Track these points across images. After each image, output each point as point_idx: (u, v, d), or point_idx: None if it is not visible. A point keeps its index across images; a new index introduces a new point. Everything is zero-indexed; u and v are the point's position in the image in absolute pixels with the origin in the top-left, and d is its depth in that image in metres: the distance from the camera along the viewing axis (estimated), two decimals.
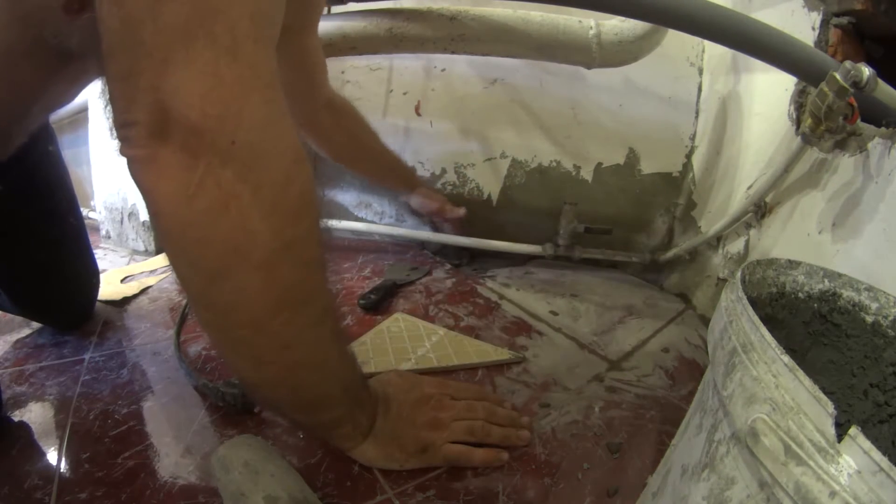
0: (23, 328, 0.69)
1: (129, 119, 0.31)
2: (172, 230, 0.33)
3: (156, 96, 0.30)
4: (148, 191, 0.32)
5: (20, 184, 0.60)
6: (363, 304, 0.77)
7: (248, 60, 0.32)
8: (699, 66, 0.93)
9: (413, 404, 0.50)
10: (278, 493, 0.39)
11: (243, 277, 0.34)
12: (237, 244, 0.33)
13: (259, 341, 0.37)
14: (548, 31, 0.75)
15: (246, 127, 0.31)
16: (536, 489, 0.47)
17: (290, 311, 0.36)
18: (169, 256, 0.35)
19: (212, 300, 0.35)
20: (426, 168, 1.05)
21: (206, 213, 0.32)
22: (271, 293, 0.35)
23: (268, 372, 0.39)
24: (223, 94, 0.31)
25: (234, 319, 0.36)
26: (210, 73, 0.30)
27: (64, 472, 0.46)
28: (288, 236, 0.35)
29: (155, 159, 0.31)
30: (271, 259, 0.34)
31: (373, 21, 0.79)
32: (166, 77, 0.29)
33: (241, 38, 0.31)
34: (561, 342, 0.72)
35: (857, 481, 0.19)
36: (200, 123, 0.30)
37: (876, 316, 0.36)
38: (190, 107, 0.30)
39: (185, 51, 0.29)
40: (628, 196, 1.00)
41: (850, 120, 0.53)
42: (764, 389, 0.23)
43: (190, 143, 0.30)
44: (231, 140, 0.31)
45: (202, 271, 0.34)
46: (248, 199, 0.32)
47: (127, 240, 1.00)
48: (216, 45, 0.30)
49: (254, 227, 0.33)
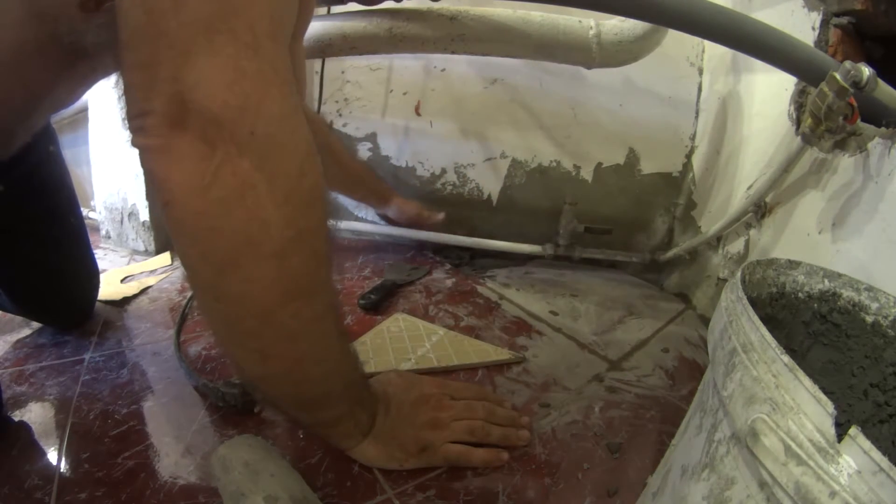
0: (23, 328, 0.69)
1: (146, 108, 0.31)
2: (186, 219, 0.33)
3: (175, 87, 0.30)
4: (162, 180, 0.32)
5: (21, 184, 0.60)
6: (363, 304, 0.77)
7: (268, 57, 0.32)
8: (699, 66, 0.93)
9: (413, 404, 0.50)
10: (278, 493, 0.39)
11: (254, 267, 0.34)
12: (250, 233, 0.33)
13: (266, 332, 0.37)
14: (548, 31, 0.75)
15: (265, 119, 0.32)
16: (536, 489, 0.47)
17: (299, 302, 0.37)
18: (179, 247, 0.35)
19: (221, 290, 0.36)
20: (426, 168, 1.05)
21: (222, 202, 0.32)
22: (281, 283, 0.36)
23: (273, 365, 0.39)
24: (244, 87, 0.31)
25: (243, 310, 0.36)
26: (232, 67, 0.31)
27: (64, 472, 0.46)
28: (300, 226, 0.35)
29: (170, 148, 0.31)
30: (283, 249, 0.35)
31: (373, 21, 0.78)
32: (188, 68, 0.30)
33: (260, 36, 0.32)
34: (561, 342, 0.72)
35: (857, 481, 0.19)
36: (221, 113, 0.31)
37: (876, 316, 0.36)
38: (211, 97, 0.30)
39: (207, 44, 0.30)
40: (628, 196, 1.00)
41: (850, 120, 0.53)
42: (764, 389, 0.23)
43: (208, 132, 0.31)
44: (250, 131, 0.32)
45: (213, 261, 0.34)
46: (264, 188, 0.33)
47: (127, 240, 1.00)
48: (238, 40, 0.31)
49: (268, 217, 0.33)
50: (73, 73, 0.48)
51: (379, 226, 1.06)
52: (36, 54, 0.43)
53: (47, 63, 0.45)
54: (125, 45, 0.31)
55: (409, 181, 1.05)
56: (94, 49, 0.43)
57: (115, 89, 0.94)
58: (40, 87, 0.48)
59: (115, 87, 0.93)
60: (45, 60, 0.44)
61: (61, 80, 0.48)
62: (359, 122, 1.05)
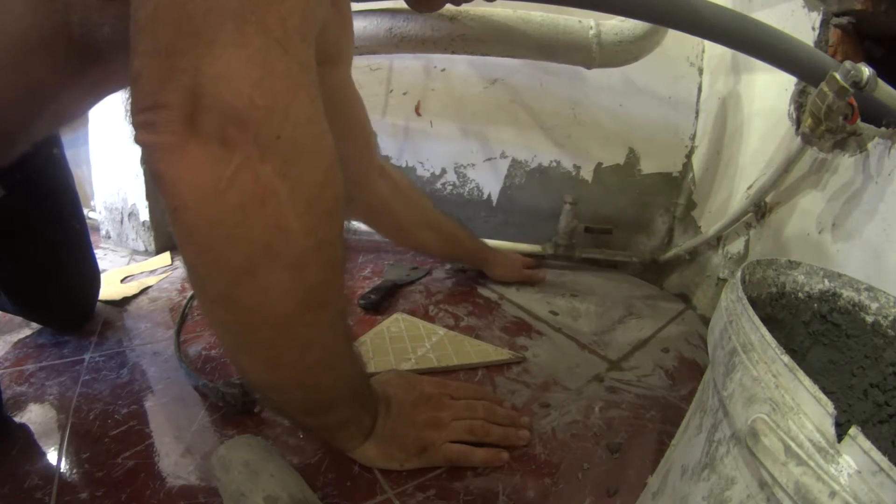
0: (23, 328, 0.69)
1: (160, 101, 0.28)
2: (198, 226, 0.30)
3: (195, 79, 0.27)
4: (171, 183, 0.29)
5: (24, 187, 0.60)
6: (363, 304, 0.77)
7: (297, 56, 0.30)
8: (699, 66, 0.93)
9: (413, 404, 0.50)
10: (278, 493, 0.39)
11: (272, 277, 0.32)
12: (270, 242, 0.31)
13: (280, 342, 0.36)
14: (548, 32, 0.75)
15: (292, 122, 0.30)
16: (536, 489, 0.47)
17: (315, 311, 0.36)
18: (187, 255, 0.33)
19: (234, 301, 0.33)
20: (426, 168, 1.05)
21: (239, 209, 0.30)
22: (298, 293, 0.34)
23: (284, 374, 0.38)
24: (273, 86, 0.29)
25: (258, 320, 0.34)
26: (260, 62, 0.28)
27: (64, 472, 0.46)
28: (319, 236, 0.34)
29: (182, 148, 0.28)
30: (303, 259, 0.33)
31: (373, 21, 0.78)
32: (212, 59, 0.27)
33: (291, 31, 0.30)
34: (561, 342, 0.72)
35: (857, 481, 0.19)
36: (246, 114, 0.28)
37: (876, 316, 0.36)
38: (237, 94, 0.28)
39: (236, 34, 0.28)
40: (628, 196, 1.00)
41: (850, 120, 0.53)
42: (764, 389, 0.23)
43: (229, 133, 0.28)
44: (276, 134, 0.29)
45: (227, 270, 0.32)
46: (286, 196, 0.31)
47: (127, 240, 1.00)
48: (268, 34, 0.28)
49: (289, 226, 0.31)
50: (83, 78, 0.44)
51: None
52: (42, 48, 0.40)
53: (54, 61, 0.41)
54: (140, 27, 0.28)
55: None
56: (107, 50, 0.40)
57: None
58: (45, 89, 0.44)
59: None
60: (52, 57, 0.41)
61: (69, 85, 0.45)
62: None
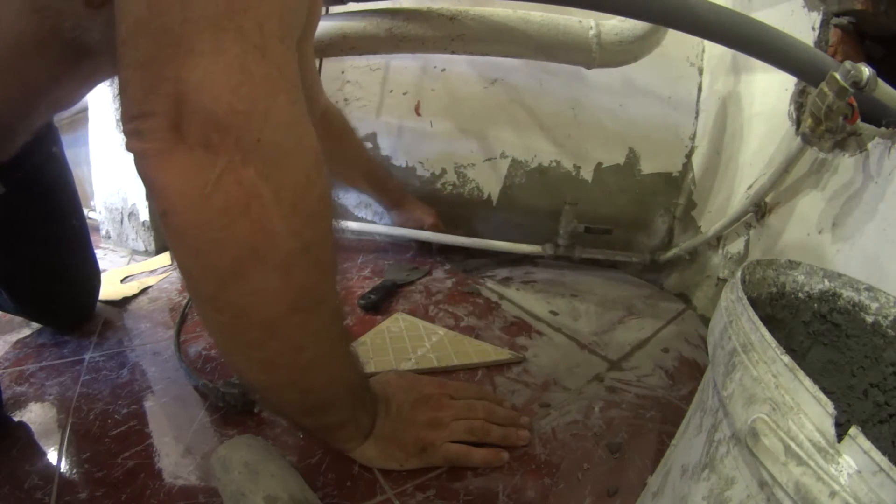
0: (23, 328, 0.69)
1: (146, 109, 0.29)
2: (186, 230, 0.31)
3: (178, 87, 0.28)
4: (160, 188, 0.30)
5: (23, 185, 0.60)
6: (363, 304, 0.77)
7: (276, 59, 0.31)
8: (699, 66, 0.93)
9: (413, 404, 0.50)
10: (278, 493, 0.39)
11: (260, 279, 0.33)
12: (255, 245, 0.32)
13: (272, 344, 0.36)
14: (548, 31, 0.75)
15: (272, 125, 0.31)
16: (536, 489, 0.47)
17: (305, 312, 0.36)
18: (178, 258, 0.34)
19: (224, 303, 0.34)
20: (426, 168, 1.05)
21: (224, 212, 0.31)
22: (287, 295, 0.34)
23: (278, 375, 0.38)
24: (252, 91, 0.30)
25: (248, 322, 0.35)
26: (238, 68, 0.29)
27: (64, 472, 0.46)
28: (306, 237, 0.34)
29: (170, 154, 0.29)
30: (289, 260, 0.33)
31: (373, 21, 0.78)
32: (192, 68, 0.28)
33: (268, 36, 0.30)
34: (561, 342, 0.72)
35: (857, 481, 0.19)
36: (227, 119, 0.29)
37: (876, 316, 0.36)
38: (216, 100, 0.29)
39: (213, 42, 0.28)
40: (628, 196, 1.00)
41: (850, 120, 0.53)
42: (764, 389, 0.23)
43: (211, 138, 0.29)
44: (257, 138, 0.30)
45: (216, 273, 0.33)
46: (269, 198, 0.31)
47: (127, 240, 1.00)
48: (245, 40, 0.29)
49: (273, 228, 0.32)
50: (76, 72, 0.46)
51: (379, 226, 1.06)
52: (37, 49, 0.41)
53: (49, 60, 0.43)
54: (123, 40, 0.29)
55: (409, 181, 1.05)
56: (99, 47, 0.42)
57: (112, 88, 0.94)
58: (41, 85, 0.46)
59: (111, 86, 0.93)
60: (46, 57, 0.42)
61: (63, 79, 0.47)
62: (358, 122, 1.04)
